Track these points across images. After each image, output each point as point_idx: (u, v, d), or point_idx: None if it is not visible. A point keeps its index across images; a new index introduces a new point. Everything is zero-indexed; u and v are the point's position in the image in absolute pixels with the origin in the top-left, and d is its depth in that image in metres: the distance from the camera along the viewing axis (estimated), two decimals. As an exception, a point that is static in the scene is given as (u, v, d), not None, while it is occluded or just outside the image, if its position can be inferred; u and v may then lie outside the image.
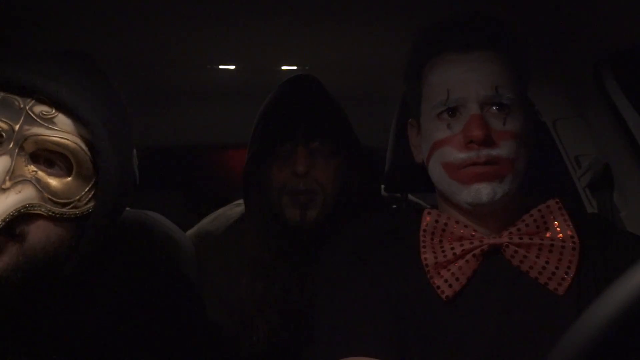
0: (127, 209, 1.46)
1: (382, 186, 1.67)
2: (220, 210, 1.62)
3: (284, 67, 1.89)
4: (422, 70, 1.08)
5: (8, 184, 0.80)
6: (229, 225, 1.54)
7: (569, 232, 1.02)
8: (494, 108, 1.01)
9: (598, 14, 1.32)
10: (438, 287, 1.02)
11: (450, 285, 1.01)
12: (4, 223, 0.79)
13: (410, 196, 1.72)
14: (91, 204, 0.88)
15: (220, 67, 1.92)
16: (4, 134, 0.82)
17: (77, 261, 0.89)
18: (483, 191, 0.99)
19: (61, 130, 0.84)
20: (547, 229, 1.03)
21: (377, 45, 1.64)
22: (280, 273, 1.43)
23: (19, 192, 0.81)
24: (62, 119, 0.85)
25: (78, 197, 0.86)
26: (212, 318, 1.45)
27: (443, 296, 1.01)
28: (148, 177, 1.55)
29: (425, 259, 1.04)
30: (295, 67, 1.87)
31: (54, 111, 0.85)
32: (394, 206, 1.66)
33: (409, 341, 1.01)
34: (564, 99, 1.70)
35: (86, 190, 0.87)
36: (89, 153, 0.87)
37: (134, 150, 1.38)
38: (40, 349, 0.89)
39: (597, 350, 0.53)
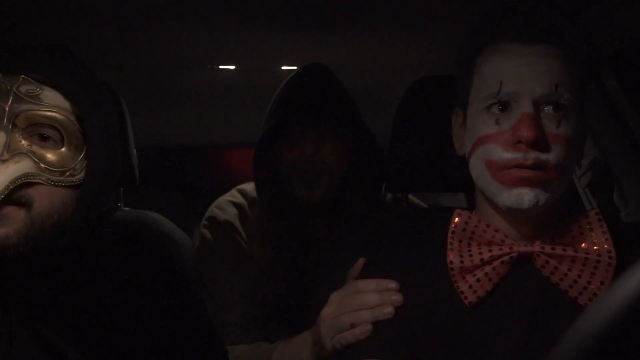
0: (127, 209, 1.46)
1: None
2: (240, 186, 1.71)
3: (284, 67, 1.89)
4: (476, 57, 1.00)
5: (6, 155, 0.87)
6: (245, 198, 1.64)
7: (606, 246, 0.95)
8: (549, 108, 0.93)
9: (598, 15, 1.32)
10: (462, 292, 0.97)
11: (474, 291, 0.97)
12: (7, 190, 0.86)
13: (410, 197, 1.72)
14: (81, 172, 0.95)
15: (220, 67, 1.92)
16: None
17: (75, 229, 0.95)
18: (525, 197, 0.92)
19: (48, 105, 0.91)
20: (582, 241, 0.96)
21: (377, 45, 1.64)
22: (288, 244, 1.53)
23: (17, 162, 0.87)
24: (47, 95, 0.92)
25: (73, 166, 0.93)
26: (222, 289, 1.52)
27: (466, 302, 0.97)
28: (148, 177, 1.55)
29: (451, 262, 0.99)
30: (295, 68, 1.87)
31: (38, 89, 0.92)
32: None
33: (429, 344, 0.97)
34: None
35: (79, 159, 0.94)
36: (77, 124, 0.94)
37: (134, 151, 1.38)
38: (37, 323, 0.93)
39: (598, 350, 0.53)
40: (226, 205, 1.62)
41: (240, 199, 1.63)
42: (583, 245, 0.96)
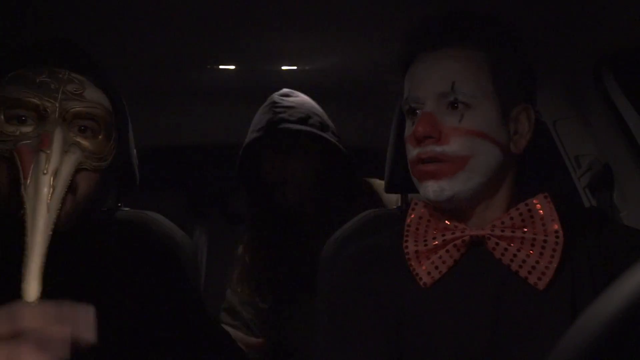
0: (127, 209, 1.46)
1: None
2: None
3: (284, 67, 1.89)
4: (407, 68, 1.09)
5: (66, 147, 0.97)
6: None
7: (554, 227, 0.99)
8: (450, 105, 1.00)
9: (598, 14, 1.32)
10: (417, 275, 1.03)
11: (429, 273, 1.02)
12: (71, 176, 0.95)
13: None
14: (111, 157, 1.07)
15: (220, 67, 1.92)
16: (48, 110, 0.99)
17: (102, 205, 1.08)
18: (430, 189, 1.00)
19: (91, 101, 1.03)
20: (532, 223, 1.00)
21: (377, 46, 1.64)
22: (286, 250, 1.67)
23: (74, 152, 0.99)
24: (88, 93, 1.03)
25: (106, 152, 1.05)
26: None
27: (421, 283, 1.02)
28: (148, 177, 1.55)
29: (407, 247, 1.05)
30: (295, 67, 1.87)
31: (81, 88, 1.03)
32: (395, 207, 1.66)
33: (384, 325, 1.03)
34: (564, 99, 1.70)
35: (109, 145, 1.06)
36: (112, 116, 1.06)
37: (134, 151, 1.39)
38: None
39: (596, 352, 0.53)
40: None
41: None
42: (532, 228, 1.00)
